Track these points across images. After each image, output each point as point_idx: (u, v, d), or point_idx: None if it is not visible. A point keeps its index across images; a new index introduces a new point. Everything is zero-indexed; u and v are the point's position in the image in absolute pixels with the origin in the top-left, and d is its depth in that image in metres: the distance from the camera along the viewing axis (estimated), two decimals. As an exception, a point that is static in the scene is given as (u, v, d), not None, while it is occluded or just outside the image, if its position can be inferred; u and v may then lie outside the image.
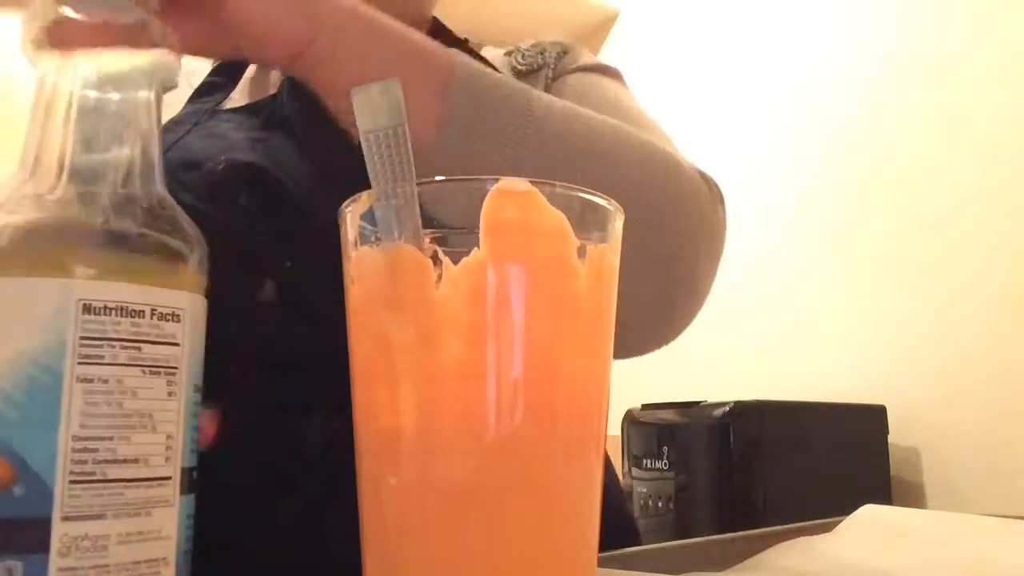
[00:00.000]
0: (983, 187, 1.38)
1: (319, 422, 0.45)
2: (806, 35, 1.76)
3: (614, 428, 1.43)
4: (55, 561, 0.21)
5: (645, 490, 1.34)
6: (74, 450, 0.22)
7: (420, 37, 0.44)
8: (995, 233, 1.35)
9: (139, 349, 0.24)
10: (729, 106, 1.92)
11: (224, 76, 0.62)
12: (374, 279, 0.25)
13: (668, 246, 0.48)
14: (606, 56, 2.33)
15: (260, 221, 0.48)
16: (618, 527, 0.57)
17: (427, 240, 0.24)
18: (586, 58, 0.66)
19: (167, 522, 0.24)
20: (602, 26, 2.36)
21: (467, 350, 0.23)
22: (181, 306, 0.25)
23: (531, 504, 0.24)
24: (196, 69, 0.64)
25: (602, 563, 0.28)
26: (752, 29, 1.90)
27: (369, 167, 0.25)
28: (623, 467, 1.40)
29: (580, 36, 2.40)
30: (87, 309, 0.23)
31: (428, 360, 0.24)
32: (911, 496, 1.40)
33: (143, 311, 0.24)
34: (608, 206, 0.26)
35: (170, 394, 0.24)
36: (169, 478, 0.24)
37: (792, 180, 1.73)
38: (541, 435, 0.24)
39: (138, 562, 0.23)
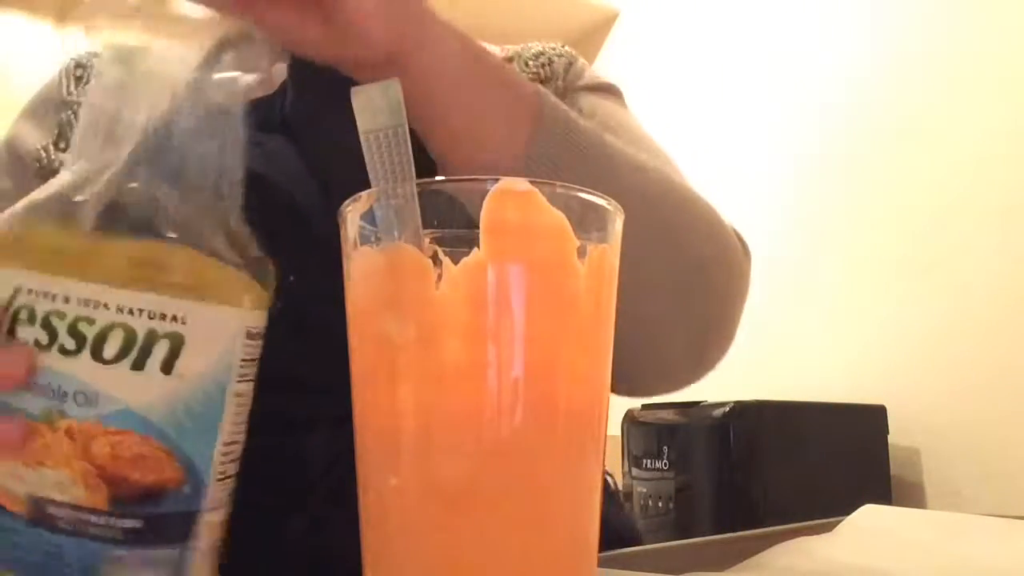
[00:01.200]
0: (983, 187, 1.38)
1: (324, 439, 0.44)
2: (807, 35, 1.76)
3: (614, 428, 1.43)
4: (198, 543, 0.25)
5: (645, 490, 1.33)
6: (221, 454, 0.26)
7: (501, 61, 0.44)
8: (995, 233, 1.35)
9: (255, 365, 0.28)
10: (729, 106, 1.92)
11: None
12: (374, 279, 0.25)
13: (711, 299, 0.50)
14: (606, 56, 2.34)
15: (259, 233, 0.47)
16: (617, 530, 0.57)
17: (427, 240, 0.24)
18: (590, 74, 0.66)
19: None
20: (602, 26, 2.36)
21: (467, 350, 0.23)
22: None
23: (531, 504, 0.24)
24: None
25: (602, 563, 0.28)
26: (752, 29, 1.90)
27: (369, 167, 0.25)
28: (623, 467, 1.40)
29: (580, 36, 2.40)
30: (249, 335, 0.27)
31: (428, 360, 0.24)
32: (911, 496, 1.40)
33: (262, 334, 0.29)
34: (608, 206, 0.26)
35: None
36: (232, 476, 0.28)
37: (792, 180, 1.73)
38: (541, 435, 0.24)
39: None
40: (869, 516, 0.43)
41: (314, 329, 0.45)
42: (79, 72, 0.60)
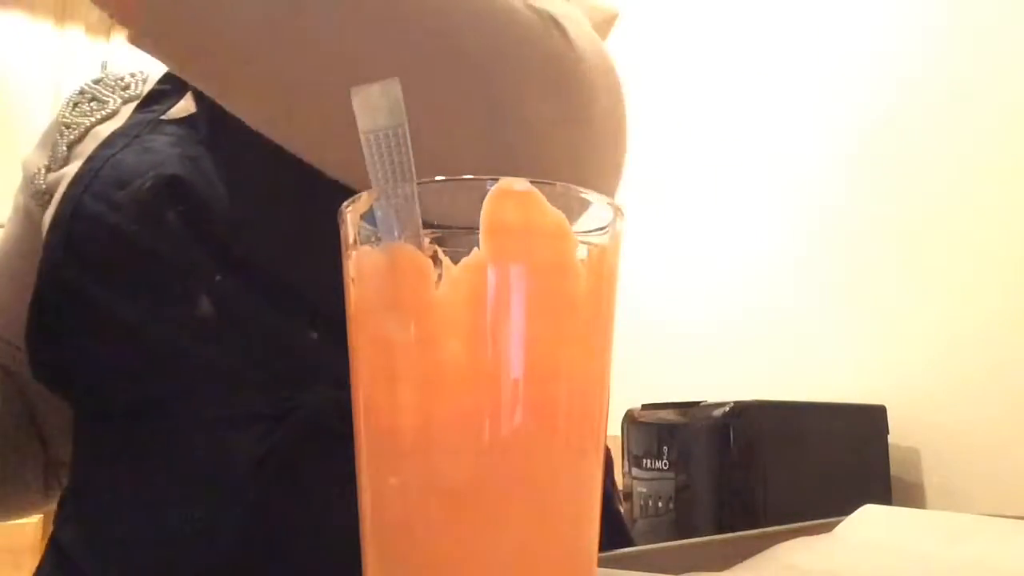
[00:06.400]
0: (983, 187, 1.38)
1: (250, 439, 0.45)
2: (807, 36, 1.76)
3: (614, 428, 1.43)
4: None
5: (645, 490, 1.33)
6: None
7: None
8: (995, 234, 1.35)
9: None
10: (729, 106, 1.92)
11: (172, 83, 0.59)
12: (374, 279, 0.25)
13: (490, 97, 0.42)
14: (606, 56, 2.33)
15: (187, 236, 0.49)
16: (610, 530, 0.57)
17: (427, 240, 0.24)
18: None
19: None
20: (602, 26, 2.36)
21: (467, 350, 0.23)
22: None
23: (531, 504, 0.24)
24: (149, 76, 0.62)
25: (602, 563, 0.28)
26: (753, 29, 1.90)
27: (369, 167, 0.25)
28: (623, 467, 1.40)
29: (580, 36, 2.40)
30: None
31: (428, 360, 0.24)
32: (911, 496, 1.40)
33: None
34: (608, 206, 0.26)
35: None
36: None
37: (793, 180, 1.73)
38: (541, 435, 0.24)
39: None
40: (869, 516, 0.43)
41: (250, 328, 0.46)
42: (78, 98, 0.63)
